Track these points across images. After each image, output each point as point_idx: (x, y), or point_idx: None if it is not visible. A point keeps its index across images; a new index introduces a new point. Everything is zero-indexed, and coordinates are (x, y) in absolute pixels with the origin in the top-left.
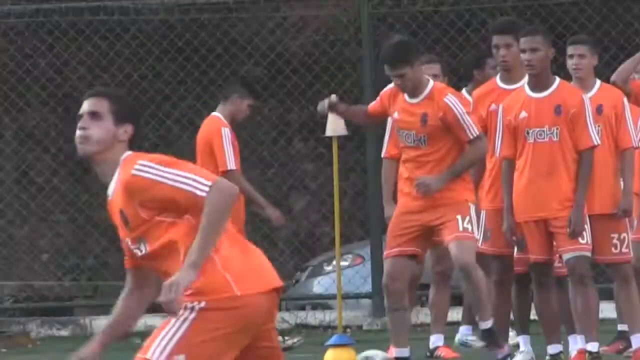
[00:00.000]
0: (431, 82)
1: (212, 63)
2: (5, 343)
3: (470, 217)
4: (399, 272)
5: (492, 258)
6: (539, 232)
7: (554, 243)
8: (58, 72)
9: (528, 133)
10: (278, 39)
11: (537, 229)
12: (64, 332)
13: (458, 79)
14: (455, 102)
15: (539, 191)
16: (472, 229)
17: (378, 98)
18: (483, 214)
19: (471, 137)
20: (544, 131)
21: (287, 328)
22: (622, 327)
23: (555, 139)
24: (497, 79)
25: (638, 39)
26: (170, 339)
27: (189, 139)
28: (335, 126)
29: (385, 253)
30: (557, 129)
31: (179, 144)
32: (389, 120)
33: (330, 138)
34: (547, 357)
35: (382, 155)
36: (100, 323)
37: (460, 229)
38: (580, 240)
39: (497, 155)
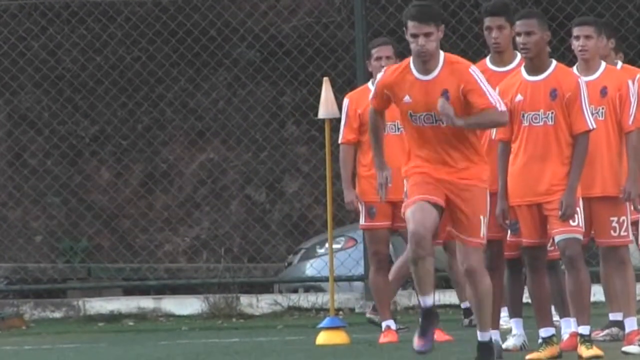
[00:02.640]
0: (442, 54)
1: (205, 46)
2: None
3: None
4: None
5: None
6: (532, 215)
7: (548, 226)
8: (51, 55)
9: (523, 116)
10: (271, 22)
11: (530, 212)
12: (57, 314)
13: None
14: (477, 71)
15: (533, 175)
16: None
17: (374, 92)
18: None
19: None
20: (539, 115)
21: (279, 310)
22: (614, 316)
23: (550, 123)
24: (488, 61)
25: (632, 22)
26: None
27: (181, 122)
28: (327, 108)
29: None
30: (552, 112)
31: (172, 126)
32: (344, 105)
33: (322, 120)
34: (540, 340)
35: (339, 142)
36: (93, 305)
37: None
38: (571, 223)
39: (493, 137)
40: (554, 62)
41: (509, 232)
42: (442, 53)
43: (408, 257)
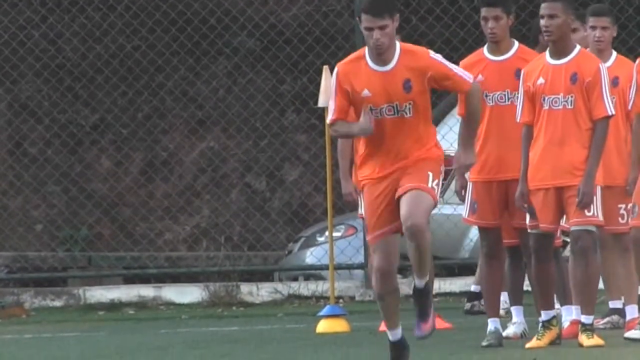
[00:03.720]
0: (397, 43)
1: (205, 34)
2: None
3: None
4: None
5: (481, 230)
6: (549, 200)
7: (565, 213)
8: (52, 44)
9: (544, 100)
10: (271, 10)
11: (546, 197)
12: (58, 303)
13: (450, 49)
14: (436, 54)
15: (552, 159)
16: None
17: (334, 106)
18: (470, 186)
19: (471, 81)
20: (558, 98)
21: (279, 299)
22: (614, 304)
23: (569, 107)
24: (485, 50)
25: (631, 10)
26: None
27: (182, 110)
28: (327, 97)
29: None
30: (571, 97)
31: (172, 114)
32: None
33: (322, 109)
34: (540, 324)
35: None
36: (93, 294)
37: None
38: (587, 213)
39: (518, 120)
40: (578, 46)
41: (527, 216)
42: (397, 42)
43: (374, 292)
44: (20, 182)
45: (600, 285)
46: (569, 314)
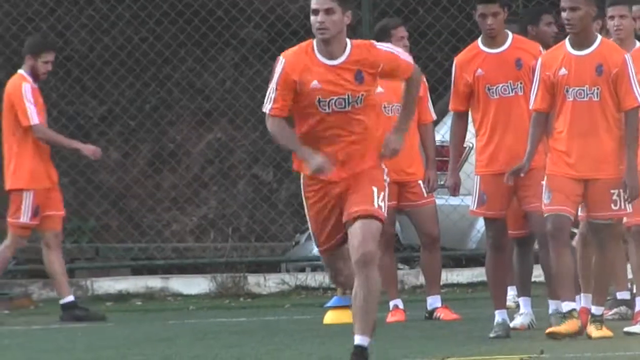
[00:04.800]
0: (347, 39)
1: (212, 26)
2: (6, 305)
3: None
4: None
5: (487, 222)
6: (573, 189)
7: (588, 206)
8: (60, 36)
9: (567, 91)
10: (278, 2)
11: (570, 185)
12: None
13: (457, 40)
14: (381, 44)
15: (579, 150)
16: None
17: (274, 96)
18: (477, 178)
19: (413, 66)
20: (584, 90)
21: (287, 289)
22: (621, 295)
23: (595, 99)
24: (480, 43)
25: None
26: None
27: (189, 102)
28: None
29: None
30: (597, 88)
31: (179, 105)
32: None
33: None
34: (555, 314)
35: None
36: (101, 285)
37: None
38: (613, 207)
39: (531, 107)
40: (599, 37)
41: (544, 198)
42: (347, 39)
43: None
44: None
45: None
46: (578, 303)
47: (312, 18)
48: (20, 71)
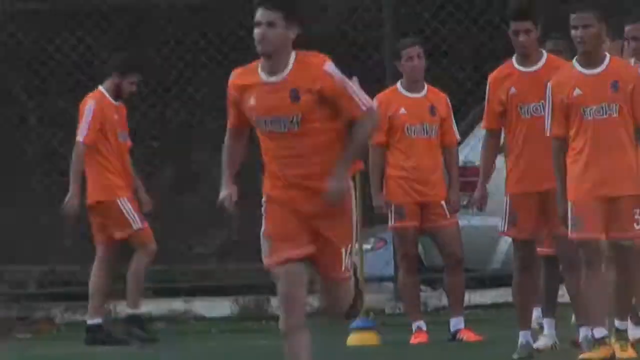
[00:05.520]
0: (293, 53)
1: (234, 46)
2: (29, 329)
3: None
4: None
5: (517, 243)
6: (596, 209)
7: (614, 225)
8: (81, 56)
9: (584, 111)
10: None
11: (594, 205)
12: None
13: (479, 60)
14: (335, 70)
15: (603, 169)
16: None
17: (228, 96)
18: (507, 199)
19: (364, 109)
20: (602, 108)
21: (309, 311)
22: None
23: (614, 115)
24: (514, 61)
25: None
26: None
27: (211, 123)
28: None
29: None
30: (615, 105)
31: (201, 127)
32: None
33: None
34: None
35: (370, 144)
36: (123, 307)
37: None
38: (635, 226)
39: (548, 134)
40: (607, 54)
41: (569, 229)
42: (293, 52)
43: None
44: (49, 195)
45: None
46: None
47: (255, 31)
48: (101, 87)
